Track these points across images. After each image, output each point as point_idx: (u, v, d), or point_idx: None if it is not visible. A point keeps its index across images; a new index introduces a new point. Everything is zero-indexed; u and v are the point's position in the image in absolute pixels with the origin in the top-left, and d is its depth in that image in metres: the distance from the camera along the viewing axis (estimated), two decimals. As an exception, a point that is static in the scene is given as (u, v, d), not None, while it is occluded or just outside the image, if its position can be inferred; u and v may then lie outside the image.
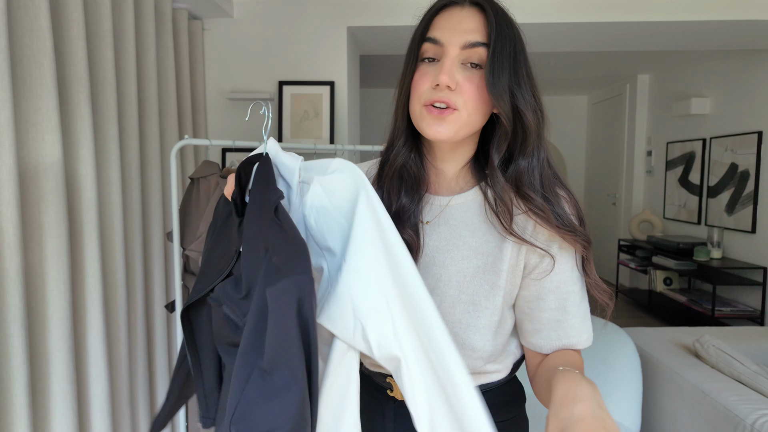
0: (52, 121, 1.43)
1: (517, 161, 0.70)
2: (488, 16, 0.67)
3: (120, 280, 1.81)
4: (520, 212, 0.71)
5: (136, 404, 1.97)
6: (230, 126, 2.81)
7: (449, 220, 0.74)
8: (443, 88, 0.66)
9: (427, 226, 0.75)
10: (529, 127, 0.68)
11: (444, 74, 0.66)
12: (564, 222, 0.68)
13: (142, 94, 2.04)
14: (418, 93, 0.69)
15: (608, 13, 2.75)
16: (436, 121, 0.67)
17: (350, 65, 2.89)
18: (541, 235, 0.70)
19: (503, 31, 0.68)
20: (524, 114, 0.68)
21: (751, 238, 3.71)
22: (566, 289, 0.71)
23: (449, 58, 0.67)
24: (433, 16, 0.71)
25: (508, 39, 0.68)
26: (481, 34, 0.67)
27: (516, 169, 0.70)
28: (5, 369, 1.30)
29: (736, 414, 1.43)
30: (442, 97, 0.67)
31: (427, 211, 0.76)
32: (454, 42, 0.67)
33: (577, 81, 5.43)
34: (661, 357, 1.83)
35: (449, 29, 0.68)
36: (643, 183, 5.24)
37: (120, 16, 1.87)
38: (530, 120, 0.68)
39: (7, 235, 1.29)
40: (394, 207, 0.73)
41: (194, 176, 1.72)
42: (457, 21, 0.68)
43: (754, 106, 3.70)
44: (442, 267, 0.73)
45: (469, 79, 0.67)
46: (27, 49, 1.40)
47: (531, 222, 0.70)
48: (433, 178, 0.78)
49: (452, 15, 0.69)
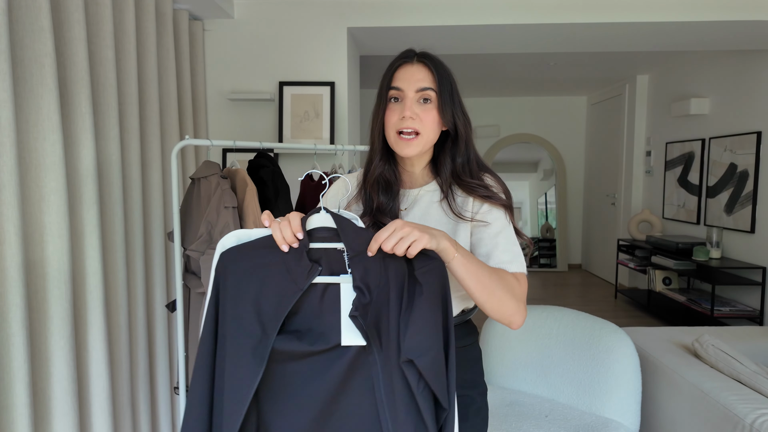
0: (53, 122, 1.43)
1: (455, 160, 1.06)
2: (431, 69, 1.01)
3: (121, 279, 1.82)
4: (460, 195, 1.04)
5: (137, 404, 1.98)
6: (231, 126, 2.82)
7: (420, 204, 1.07)
8: (408, 119, 0.99)
9: (404, 212, 1.07)
10: (461, 134, 1.04)
11: (407, 110, 1.00)
12: (487, 192, 1.02)
13: (143, 94, 2.05)
14: (391, 123, 1.02)
15: (608, 13, 2.76)
16: (408, 144, 1.01)
17: (350, 66, 2.89)
18: (476, 205, 1.03)
19: (443, 76, 1.02)
20: (460, 127, 1.04)
21: (750, 238, 3.71)
22: (496, 236, 1.01)
23: (408, 99, 1.00)
24: (395, 71, 1.03)
25: (446, 80, 1.02)
26: (428, 81, 1.01)
27: (454, 165, 1.06)
28: (6, 368, 1.30)
29: (735, 413, 1.44)
30: (409, 125, 1.00)
31: (404, 201, 1.09)
32: (411, 87, 1.00)
33: (577, 81, 5.43)
34: (661, 357, 1.84)
35: (406, 80, 1.01)
36: (642, 183, 5.25)
37: (121, 16, 1.87)
38: (463, 130, 1.04)
39: (9, 235, 1.29)
40: (375, 203, 1.05)
41: (195, 176, 1.72)
42: (411, 73, 1.01)
43: (753, 107, 3.71)
44: None
45: (425, 112, 1.01)
46: (28, 49, 1.40)
47: (470, 199, 1.04)
48: (406, 178, 1.11)
49: (407, 70, 1.02)
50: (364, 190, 1.08)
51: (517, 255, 1.00)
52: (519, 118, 6.33)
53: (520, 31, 2.92)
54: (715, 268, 3.66)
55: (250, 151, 2.56)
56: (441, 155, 1.08)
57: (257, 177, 1.83)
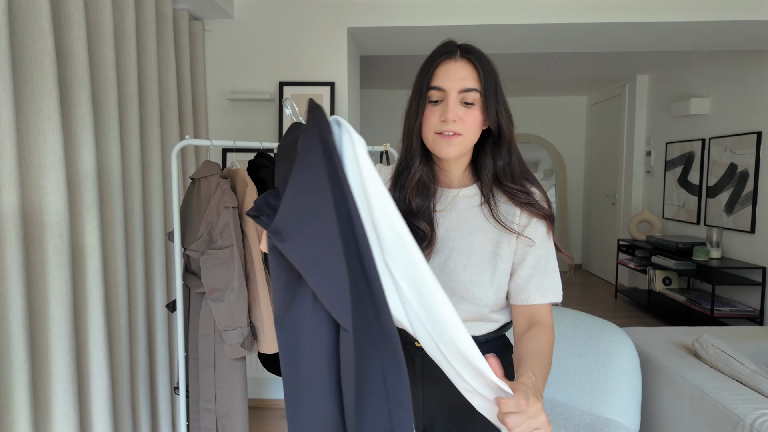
0: (53, 122, 1.43)
1: (497, 162, 0.99)
2: (477, 67, 0.93)
3: (121, 279, 1.82)
4: (503, 201, 0.98)
5: (137, 403, 1.98)
6: (231, 126, 2.82)
7: (458, 206, 1.01)
8: (450, 122, 0.93)
9: (441, 212, 1.01)
10: (505, 135, 0.97)
11: (450, 113, 0.92)
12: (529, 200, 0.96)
13: (143, 94, 2.05)
14: (430, 125, 0.95)
15: (608, 14, 2.76)
16: (447, 145, 0.94)
17: (350, 66, 2.89)
18: (524, 218, 0.97)
19: (488, 75, 0.94)
20: (504, 126, 0.96)
21: (750, 238, 3.71)
22: (539, 259, 0.97)
23: (451, 100, 0.93)
24: (436, 68, 0.95)
25: (491, 79, 0.94)
26: (472, 80, 0.93)
27: (496, 167, 0.99)
28: (7, 368, 1.30)
29: (735, 413, 1.44)
30: (450, 128, 0.93)
31: (440, 201, 1.03)
32: (454, 88, 0.93)
33: (577, 81, 5.43)
34: (661, 357, 1.84)
35: (449, 79, 0.93)
36: (642, 183, 5.25)
37: (121, 16, 1.87)
38: (507, 130, 0.97)
39: (9, 235, 1.30)
40: (414, 206, 0.99)
41: (195, 176, 1.72)
42: (454, 71, 0.93)
43: (753, 107, 3.71)
44: (455, 241, 0.99)
45: (467, 114, 0.94)
46: (28, 49, 1.40)
47: (516, 209, 0.97)
48: (443, 178, 1.04)
49: (449, 67, 0.94)
50: (400, 192, 1.03)
51: (556, 283, 0.97)
52: (519, 117, 6.25)
53: (520, 31, 2.92)
54: (715, 268, 3.65)
55: (250, 151, 2.56)
56: (481, 156, 1.01)
57: (257, 177, 1.83)
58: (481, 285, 0.96)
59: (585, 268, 6.46)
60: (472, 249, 0.97)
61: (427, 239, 0.97)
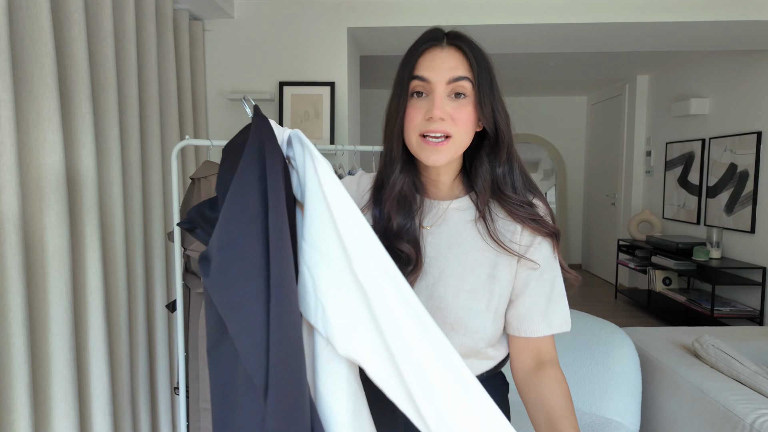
0: (53, 122, 1.43)
1: (495, 170, 0.83)
2: (467, 55, 0.78)
3: (121, 279, 1.82)
4: (502, 216, 0.83)
5: (137, 404, 1.98)
6: (231, 126, 2.82)
7: (449, 221, 0.85)
8: (436, 120, 0.76)
9: (429, 228, 0.85)
10: (503, 137, 0.81)
11: (437, 108, 0.76)
12: (532, 215, 0.81)
13: (143, 94, 2.04)
14: (413, 125, 0.78)
15: (608, 14, 2.75)
16: (435, 150, 0.77)
17: (350, 66, 2.89)
18: (526, 237, 0.82)
19: (482, 64, 0.79)
20: (502, 127, 0.81)
21: (750, 238, 3.71)
22: (546, 284, 0.84)
23: (438, 94, 0.76)
24: (419, 56, 0.79)
25: (485, 69, 0.79)
26: (463, 69, 0.77)
27: (494, 175, 0.83)
28: (7, 368, 1.30)
29: (735, 413, 1.44)
30: (437, 128, 0.76)
31: (427, 215, 0.86)
32: (441, 79, 0.77)
33: (577, 81, 5.43)
34: (661, 357, 1.84)
35: (434, 69, 0.77)
36: (642, 183, 5.25)
37: (121, 16, 1.87)
38: (505, 131, 0.81)
39: (9, 235, 1.29)
40: (394, 225, 0.83)
41: (195, 176, 1.72)
42: (440, 60, 0.77)
43: (753, 107, 3.71)
44: (445, 261, 0.83)
45: (458, 109, 0.77)
46: (28, 49, 1.40)
47: (518, 226, 0.82)
48: (431, 188, 0.88)
49: (435, 55, 0.78)
50: (379, 207, 0.86)
51: (563, 309, 0.85)
52: (519, 118, 6.30)
53: (520, 31, 2.92)
54: (715, 268, 3.65)
55: (250, 151, 2.56)
56: (476, 163, 0.84)
57: (257, 177, 1.83)
58: (476, 313, 0.82)
59: (585, 268, 6.46)
60: (465, 271, 0.82)
61: (412, 263, 0.80)
